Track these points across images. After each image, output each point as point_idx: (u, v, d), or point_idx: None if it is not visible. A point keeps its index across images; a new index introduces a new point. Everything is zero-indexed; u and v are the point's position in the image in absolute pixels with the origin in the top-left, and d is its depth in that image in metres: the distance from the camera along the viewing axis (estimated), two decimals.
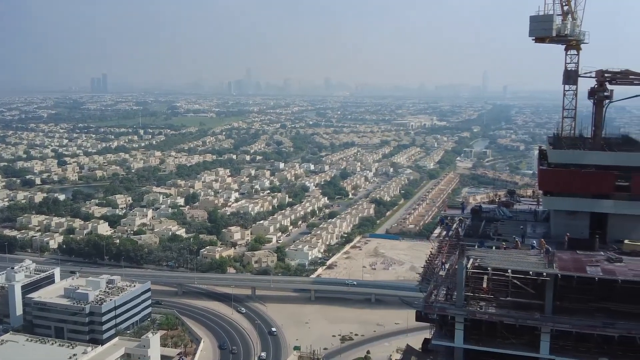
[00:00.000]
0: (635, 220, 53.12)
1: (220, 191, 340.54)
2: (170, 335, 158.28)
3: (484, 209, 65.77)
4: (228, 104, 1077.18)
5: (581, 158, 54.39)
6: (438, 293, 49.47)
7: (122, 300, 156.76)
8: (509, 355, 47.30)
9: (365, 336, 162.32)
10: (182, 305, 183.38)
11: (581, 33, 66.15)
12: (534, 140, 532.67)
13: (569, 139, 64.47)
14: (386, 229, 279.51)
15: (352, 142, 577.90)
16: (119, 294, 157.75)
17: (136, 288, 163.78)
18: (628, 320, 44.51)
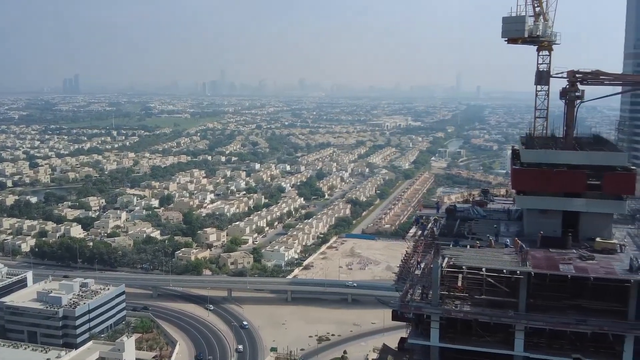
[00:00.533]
0: (606, 219, 54.05)
1: (196, 192, 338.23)
2: (146, 338, 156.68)
3: (458, 209, 66.32)
4: (203, 105, 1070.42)
5: (553, 158, 55.15)
6: (414, 292, 49.76)
7: (96, 303, 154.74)
8: (484, 353, 47.81)
9: (342, 336, 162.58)
10: (157, 308, 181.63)
11: (553, 34, 67.15)
12: (507, 140, 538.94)
13: (541, 138, 65.36)
14: (362, 229, 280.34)
15: (327, 142, 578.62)
16: (93, 298, 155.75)
17: (110, 291, 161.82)
18: (600, 317, 45.27)
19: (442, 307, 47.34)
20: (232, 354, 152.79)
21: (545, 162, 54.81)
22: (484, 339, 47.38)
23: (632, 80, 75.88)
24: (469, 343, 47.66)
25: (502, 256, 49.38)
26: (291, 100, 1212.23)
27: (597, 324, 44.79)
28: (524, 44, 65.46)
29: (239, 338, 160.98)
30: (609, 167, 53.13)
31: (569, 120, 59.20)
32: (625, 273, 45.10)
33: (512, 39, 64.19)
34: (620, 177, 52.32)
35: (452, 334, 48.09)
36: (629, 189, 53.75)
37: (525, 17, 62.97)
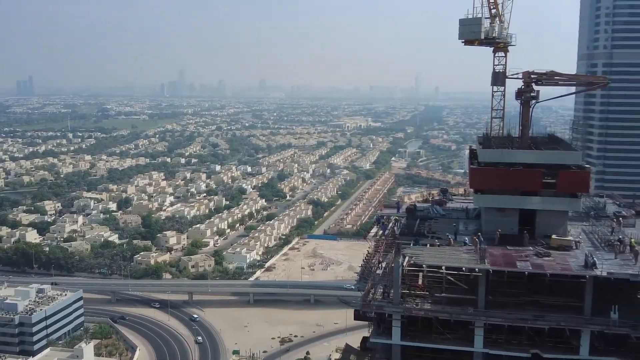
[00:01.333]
0: (562, 216, 55.24)
1: (155, 195, 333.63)
2: (105, 344, 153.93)
3: (418, 208, 66.88)
4: (161, 106, 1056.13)
5: (510, 157, 56.13)
6: (375, 291, 49.99)
7: (53, 309, 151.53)
8: (445, 350, 48.39)
9: (304, 337, 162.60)
10: (116, 313, 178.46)
11: (508, 35, 68.37)
12: (465, 140, 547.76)
13: (498, 138, 66.46)
14: (324, 229, 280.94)
15: (289, 143, 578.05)
16: (50, 304, 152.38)
17: (67, 297, 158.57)
18: (557, 313, 46.25)
19: (404, 306, 47.69)
20: (193, 358, 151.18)
21: (501, 161, 55.72)
22: (444, 336, 47.91)
23: (585, 80, 77.80)
24: (430, 340, 48.15)
25: (461, 254, 50.03)
26: (251, 101, 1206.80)
27: (554, 319, 45.72)
28: (480, 45, 66.45)
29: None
30: (564, 166, 54.32)
31: (525, 120, 60.36)
32: (581, 269, 46.15)
33: (468, 40, 65.10)
34: (574, 175, 53.57)
35: (414, 332, 48.50)
36: (584, 187, 55.10)
37: (482, 19, 63.95)
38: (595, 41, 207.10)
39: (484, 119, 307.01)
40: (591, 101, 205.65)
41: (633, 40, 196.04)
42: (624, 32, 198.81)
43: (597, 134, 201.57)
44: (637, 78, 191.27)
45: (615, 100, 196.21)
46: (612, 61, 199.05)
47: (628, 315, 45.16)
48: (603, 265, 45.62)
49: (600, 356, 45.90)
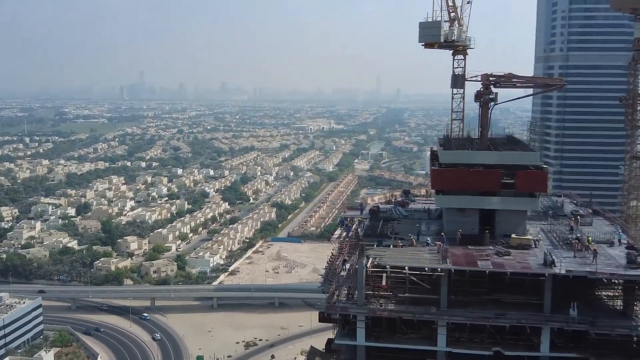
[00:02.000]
0: (521, 216, 56.37)
1: (115, 200, 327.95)
2: (65, 352, 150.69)
3: (381, 209, 67.38)
4: (121, 109, 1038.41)
5: (469, 158, 57.09)
6: (340, 293, 50.17)
7: (11, 318, 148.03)
8: (409, 349, 48.84)
9: (269, 340, 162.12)
10: (77, 321, 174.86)
11: (467, 39, 69.55)
12: (426, 141, 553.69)
13: (458, 140, 67.49)
14: (288, 232, 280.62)
15: (251, 146, 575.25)
16: (8, 312, 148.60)
17: (26, 305, 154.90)
18: (517, 311, 47.14)
19: (368, 307, 47.97)
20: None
21: (462, 162, 56.63)
22: (408, 336, 48.35)
23: (542, 82, 79.64)
24: (394, 341, 48.54)
25: (423, 255, 50.61)
26: (213, 104, 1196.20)
27: (515, 317, 46.59)
28: (440, 48, 67.42)
29: (163, 347, 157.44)
30: (522, 166, 55.47)
31: (484, 121, 61.45)
32: (540, 267, 47.12)
33: (428, 43, 65.97)
34: (532, 176, 54.75)
35: (378, 333, 48.83)
36: (541, 187, 56.36)
37: (441, 22, 64.87)
38: (551, 44, 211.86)
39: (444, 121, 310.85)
40: (548, 103, 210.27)
41: (588, 42, 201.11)
42: (580, 34, 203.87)
43: (554, 135, 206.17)
44: (592, 80, 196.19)
45: (571, 102, 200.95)
46: (568, 63, 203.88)
47: (586, 312, 46.35)
48: (561, 263, 46.67)
49: (560, 352, 46.93)
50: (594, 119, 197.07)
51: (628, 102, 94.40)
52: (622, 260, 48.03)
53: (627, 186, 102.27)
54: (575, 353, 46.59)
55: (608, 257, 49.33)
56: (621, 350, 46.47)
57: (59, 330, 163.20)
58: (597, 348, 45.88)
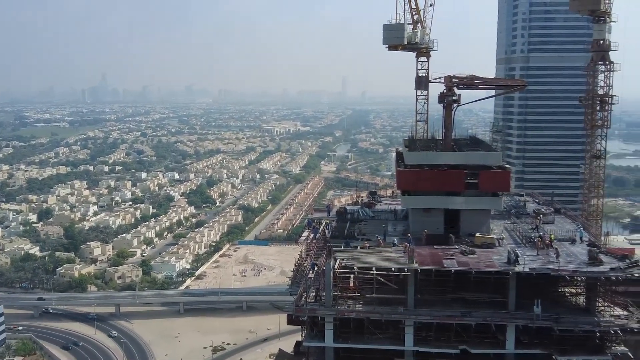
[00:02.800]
0: (485, 215, 57.20)
1: (77, 205, 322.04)
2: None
3: (348, 211, 67.63)
4: (82, 113, 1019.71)
5: (434, 158, 57.72)
6: (308, 295, 50.17)
7: None
8: (377, 349, 49.09)
9: (237, 344, 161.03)
10: (40, 329, 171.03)
11: (430, 41, 70.42)
12: (392, 143, 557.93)
13: (422, 141, 68.20)
14: (255, 235, 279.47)
15: (217, 149, 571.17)
16: None
17: None
18: (483, 309, 47.79)
19: (336, 308, 48.09)
20: None
21: (426, 163, 57.22)
22: (376, 336, 48.61)
23: (504, 84, 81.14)
24: (363, 341, 48.74)
25: (390, 255, 50.95)
26: (178, 107, 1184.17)
27: (480, 315, 47.24)
28: (404, 50, 68.08)
29: (129, 354, 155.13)
30: (485, 166, 56.30)
31: (448, 123, 62.24)
32: (504, 265, 47.87)
33: (392, 45, 66.55)
34: (495, 175, 55.62)
35: (346, 334, 48.96)
36: (504, 186, 57.25)
37: (405, 24, 65.47)
38: (512, 45, 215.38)
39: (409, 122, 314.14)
40: (510, 103, 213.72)
41: (548, 44, 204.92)
42: (540, 36, 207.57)
43: (516, 135, 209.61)
44: (552, 80, 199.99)
45: (532, 102, 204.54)
46: (529, 65, 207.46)
47: (550, 309, 47.25)
48: (525, 261, 47.47)
49: (525, 349, 47.73)
50: (555, 119, 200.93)
51: (587, 102, 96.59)
52: (584, 257, 49.09)
53: (588, 185, 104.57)
54: (539, 349, 47.44)
55: (570, 255, 50.36)
56: (584, 345, 47.49)
57: (22, 338, 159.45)
58: (561, 344, 46.79)
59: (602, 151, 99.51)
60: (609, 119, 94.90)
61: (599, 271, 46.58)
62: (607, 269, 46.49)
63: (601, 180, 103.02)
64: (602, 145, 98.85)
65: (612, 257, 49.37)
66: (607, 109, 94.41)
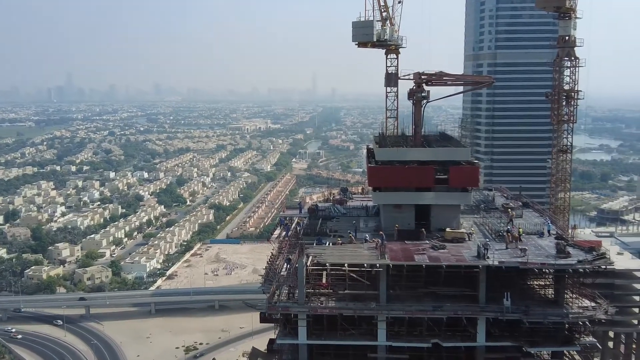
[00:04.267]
0: (454, 210, 57.83)
1: (44, 206, 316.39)
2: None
3: (320, 208, 67.77)
4: (48, 112, 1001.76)
5: (404, 155, 58.14)
6: (280, 293, 50.14)
7: None
8: (351, 345, 49.31)
9: (210, 344, 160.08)
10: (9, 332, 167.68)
11: (399, 38, 70.85)
12: (362, 140, 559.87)
13: (392, 137, 68.63)
14: (227, 233, 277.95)
15: (187, 147, 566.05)
16: None
17: None
18: (453, 303, 48.35)
19: (309, 305, 48.16)
20: None
21: (397, 159, 57.59)
22: (349, 332, 48.81)
23: (472, 80, 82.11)
24: (336, 337, 48.89)
25: (362, 251, 51.20)
26: (146, 105, 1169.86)
27: (451, 309, 47.80)
28: (373, 47, 68.42)
29: (99, 356, 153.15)
30: (455, 162, 56.88)
31: (417, 119, 62.73)
32: (474, 259, 48.48)
33: (362, 42, 66.82)
34: (464, 171, 56.27)
35: (319, 330, 49.07)
36: (473, 182, 57.95)
37: (373, 22, 65.76)
38: (480, 42, 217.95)
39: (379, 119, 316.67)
40: (478, 100, 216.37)
41: (515, 41, 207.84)
42: (507, 33, 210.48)
43: (484, 131, 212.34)
44: (519, 77, 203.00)
45: (500, 98, 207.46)
46: (496, 61, 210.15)
47: (519, 302, 48.00)
48: (494, 255, 48.12)
49: (496, 342, 48.43)
50: (522, 115, 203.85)
51: (554, 97, 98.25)
52: (552, 250, 49.95)
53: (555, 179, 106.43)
54: (510, 341, 48.18)
55: (538, 248, 51.20)
56: (554, 337, 48.37)
57: None
58: (530, 336, 47.60)
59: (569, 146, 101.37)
60: (574, 114, 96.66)
61: (566, 263, 47.44)
62: (574, 261, 47.39)
63: (568, 174, 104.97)
64: (568, 140, 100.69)
65: (579, 249, 50.31)
66: (573, 104, 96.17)
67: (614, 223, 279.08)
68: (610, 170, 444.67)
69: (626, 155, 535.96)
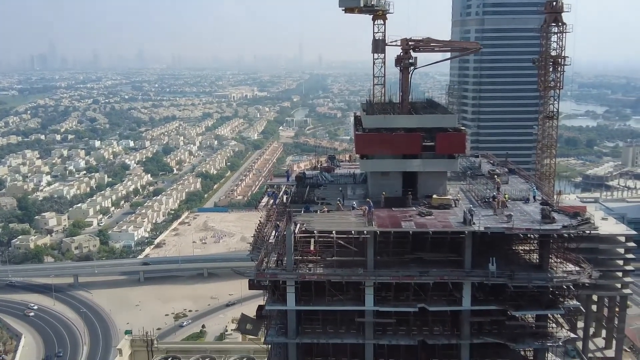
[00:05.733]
0: (441, 177, 58.07)
1: (30, 175, 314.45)
2: None
3: (307, 176, 67.69)
4: (32, 80, 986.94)
5: (391, 122, 58.01)
6: (269, 260, 50.42)
7: None
8: (339, 311, 49.96)
9: (199, 311, 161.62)
10: None
11: (386, 3, 70.00)
12: (350, 107, 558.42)
13: (380, 104, 68.34)
14: (214, 202, 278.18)
15: (173, 115, 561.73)
16: None
17: None
18: (440, 268, 48.91)
19: (297, 272, 48.50)
20: (83, 342, 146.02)
21: (384, 127, 57.45)
22: (337, 297, 49.37)
23: (459, 46, 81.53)
24: (324, 303, 49.43)
25: (350, 218, 51.45)
26: (130, 73, 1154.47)
27: (437, 274, 48.35)
28: (360, 13, 67.60)
29: (89, 324, 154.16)
30: (442, 129, 56.91)
31: (404, 86, 62.41)
32: (460, 225, 48.87)
33: (349, 8, 65.98)
34: (451, 138, 56.32)
35: (308, 296, 49.55)
36: (460, 148, 58.06)
37: None
38: (467, 8, 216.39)
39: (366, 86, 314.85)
40: (465, 66, 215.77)
41: (502, 6, 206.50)
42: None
43: (471, 97, 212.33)
44: (506, 43, 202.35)
45: (487, 65, 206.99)
46: (484, 27, 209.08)
47: (504, 267, 48.62)
48: (480, 220, 48.58)
49: (481, 305, 49.22)
50: (509, 81, 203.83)
51: (541, 63, 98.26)
52: (537, 215, 50.46)
53: (541, 145, 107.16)
54: (494, 305, 48.96)
55: (524, 213, 51.72)
56: (538, 301, 49.24)
57: None
58: (515, 300, 48.37)
59: (555, 112, 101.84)
60: (561, 80, 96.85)
61: (551, 229, 47.96)
62: (559, 226, 47.91)
63: (554, 141, 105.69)
64: (554, 106, 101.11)
65: (564, 214, 50.81)
66: (559, 70, 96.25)
67: (598, 189, 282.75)
68: (595, 136, 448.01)
69: (612, 121, 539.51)
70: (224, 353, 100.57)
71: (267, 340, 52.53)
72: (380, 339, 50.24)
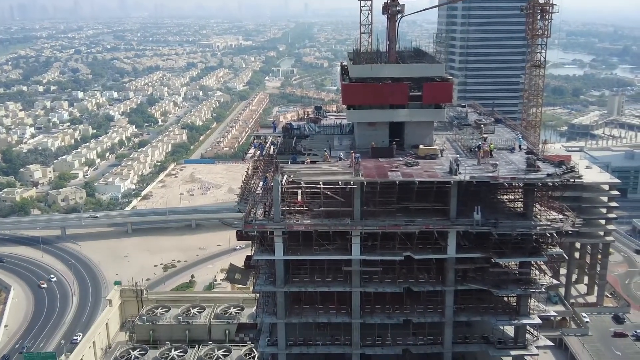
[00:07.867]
0: (428, 127, 58.00)
1: (13, 127, 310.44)
2: None
3: (294, 127, 67.38)
4: (11, 30, 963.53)
5: (378, 72, 57.38)
6: (256, 211, 50.65)
7: None
8: (326, 260, 50.58)
9: (188, 262, 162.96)
10: None
11: None
12: (336, 57, 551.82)
13: (367, 54, 67.52)
14: (201, 153, 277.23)
15: (156, 66, 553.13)
16: None
17: None
18: (425, 217, 49.41)
19: (284, 222, 48.82)
20: (73, 293, 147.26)
21: (371, 76, 56.89)
22: (324, 247, 49.89)
23: None
24: (311, 253, 49.98)
25: (337, 169, 51.53)
26: (111, 22, 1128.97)
27: (423, 223, 48.89)
28: None
29: (78, 275, 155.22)
30: (429, 78, 56.52)
31: (391, 35, 61.64)
32: (446, 175, 49.17)
33: None
34: (438, 87, 56.00)
35: (295, 247, 50.04)
36: (447, 98, 57.84)
37: None
38: None
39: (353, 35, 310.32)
40: (453, 14, 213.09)
41: None
42: None
43: (459, 46, 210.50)
44: None
45: (475, 13, 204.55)
46: None
47: (489, 215, 49.23)
48: (466, 170, 48.86)
49: (465, 253, 50.02)
50: (497, 30, 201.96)
51: (529, 11, 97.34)
52: (522, 165, 50.84)
53: (527, 94, 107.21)
54: (479, 253, 49.77)
55: (509, 163, 52.05)
56: (521, 249, 50.10)
57: None
58: (499, 247, 49.18)
59: (542, 60, 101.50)
60: (549, 28, 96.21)
61: (536, 177, 48.39)
62: (544, 175, 48.36)
63: (540, 90, 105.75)
64: (542, 55, 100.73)
65: (549, 163, 51.19)
66: (547, 17, 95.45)
67: (584, 138, 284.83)
68: (582, 85, 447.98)
69: (598, 70, 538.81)
70: (213, 302, 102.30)
71: (255, 289, 53.26)
72: (367, 286, 51.12)
